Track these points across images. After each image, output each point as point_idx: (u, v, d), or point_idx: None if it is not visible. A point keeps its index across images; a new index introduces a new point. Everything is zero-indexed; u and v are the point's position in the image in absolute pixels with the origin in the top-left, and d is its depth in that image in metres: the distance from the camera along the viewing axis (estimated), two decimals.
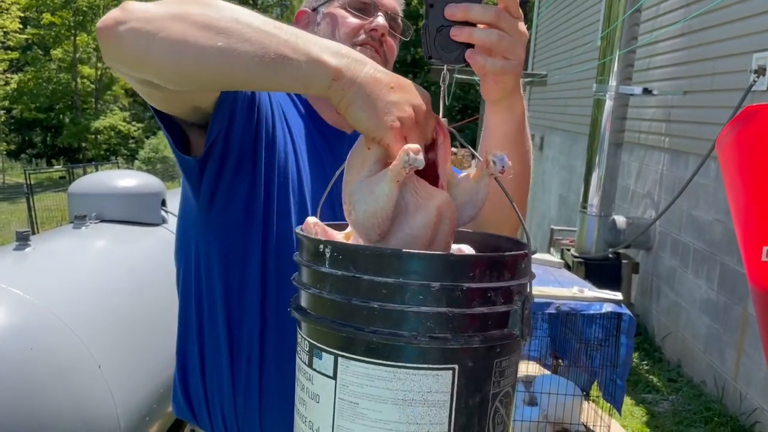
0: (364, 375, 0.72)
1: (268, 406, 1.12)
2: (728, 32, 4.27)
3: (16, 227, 11.20)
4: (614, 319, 2.99)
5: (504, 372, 0.75)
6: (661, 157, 5.33)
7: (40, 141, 29.99)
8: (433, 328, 0.70)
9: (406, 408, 0.71)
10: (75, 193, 3.12)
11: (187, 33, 0.76)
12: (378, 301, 0.71)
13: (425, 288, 0.70)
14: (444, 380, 0.71)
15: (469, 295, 0.71)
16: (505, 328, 0.73)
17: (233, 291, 1.12)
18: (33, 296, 2.11)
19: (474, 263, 0.73)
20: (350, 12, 1.17)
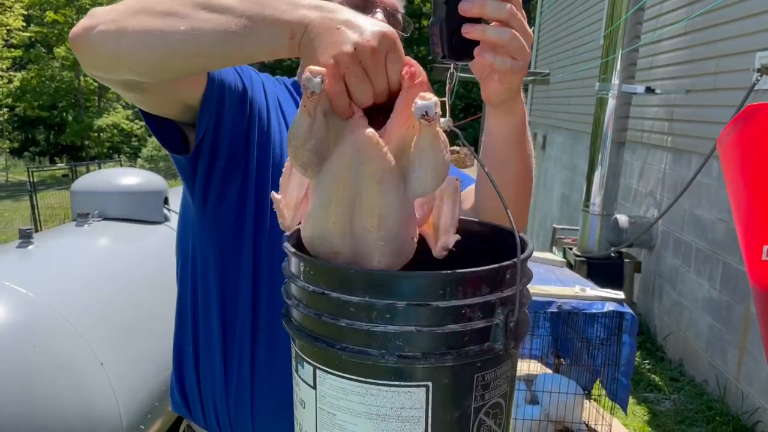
0: (339, 388, 0.72)
1: (260, 406, 1.12)
2: (731, 31, 4.26)
3: (19, 225, 11.23)
4: (616, 318, 2.99)
5: (489, 385, 0.72)
6: (663, 156, 5.32)
7: (43, 139, 30.03)
8: (402, 347, 0.68)
9: (380, 423, 0.70)
10: (78, 191, 3.13)
11: (150, 24, 0.77)
12: (346, 318, 0.70)
13: (391, 307, 0.68)
14: (418, 397, 0.69)
15: (441, 314, 0.68)
16: (485, 343, 0.70)
17: (227, 289, 1.12)
18: (36, 294, 2.12)
19: (445, 281, 0.68)
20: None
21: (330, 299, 0.71)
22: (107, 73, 0.85)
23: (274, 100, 1.15)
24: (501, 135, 0.95)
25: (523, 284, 0.73)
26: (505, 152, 0.95)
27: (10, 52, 22.83)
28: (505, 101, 0.90)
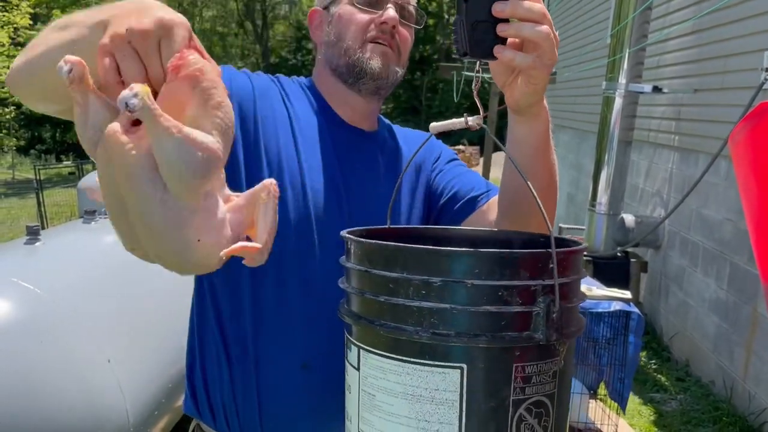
0: (379, 368, 0.74)
1: (267, 406, 1.11)
2: (739, 30, 4.24)
3: (25, 222, 11.26)
4: (622, 317, 2.98)
5: (530, 378, 0.70)
6: (670, 156, 5.30)
7: (49, 137, 30.14)
8: (436, 324, 0.69)
9: (414, 404, 0.71)
10: (84, 188, 3.14)
11: (26, 55, 0.84)
12: (385, 295, 0.72)
13: (426, 283, 0.69)
14: (452, 379, 0.69)
15: (475, 293, 0.69)
16: (525, 331, 0.69)
17: (228, 290, 1.12)
18: (43, 290, 2.12)
19: (479, 259, 0.70)
20: (358, 8, 1.14)
21: (372, 276, 0.74)
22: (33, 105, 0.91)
23: (273, 100, 1.13)
24: (527, 143, 0.95)
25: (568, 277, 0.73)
26: (531, 160, 0.95)
27: (17, 50, 22.89)
28: (531, 105, 0.90)
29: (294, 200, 1.08)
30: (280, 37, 35.37)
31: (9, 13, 21.07)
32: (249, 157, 1.08)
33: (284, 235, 1.06)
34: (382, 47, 1.14)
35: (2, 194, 18.34)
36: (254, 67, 13.26)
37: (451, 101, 18.99)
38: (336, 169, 1.14)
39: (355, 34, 1.14)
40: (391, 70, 1.15)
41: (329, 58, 1.17)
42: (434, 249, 0.72)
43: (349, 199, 1.13)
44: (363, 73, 1.13)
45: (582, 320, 0.77)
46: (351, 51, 1.13)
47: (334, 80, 1.18)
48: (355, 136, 1.20)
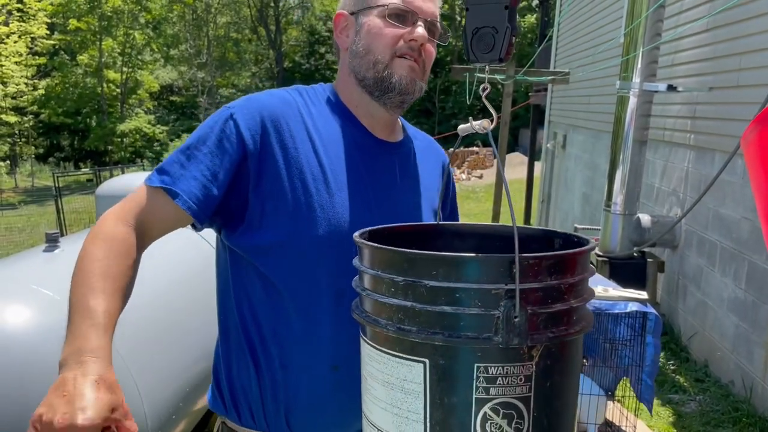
0: (368, 355, 0.81)
1: (293, 403, 1.14)
2: (754, 27, 4.20)
3: (44, 229, 11.41)
4: (640, 318, 2.96)
5: (495, 380, 0.71)
6: (686, 155, 5.26)
7: (67, 144, 30.50)
8: (402, 320, 0.74)
9: (389, 390, 0.76)
10: (103, 195, 3.18)
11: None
12: (368, 290, 0.80)
13: (393, 282, 0.75)
14: (417, 371, 0.73)
15: (433, 293, 0.71)
16: (484, 333, 0.70)
17: (264, 296, 1.15)
18: (63, 297, 2.15)
19: (436, 261, 0.72)
20: (388, 22, 1.15)
21: (363, 273, 0.83)
22: None
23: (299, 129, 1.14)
24: None
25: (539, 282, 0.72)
26: None
27: (34, 59, 23.21)
28: None
29: (324, 219, 1.11)
30: (293, 42, 35.53)
31: (26, 23, 21.37)
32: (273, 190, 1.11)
33: (319, 251, 1.11)
34: (410, 63, 1.16)
35: (22, 201, 18.58)
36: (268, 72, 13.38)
37: (464, 103, 19.00)
38: (364, 182, 1.16)
39: (384, 48, 1.15)
40: (417, 86, 1.18)
41: (356, 68, 1.19)
42: (400, 250, 0.76)
43: (379, 210, 1.16)
44: (391, 87, 1.16)
45: (582, 322, 0.77)
46: (380, 65, 1.16)
47: (360, 90, 1.20)
48: (380, 147, 1.23)
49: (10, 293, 2.13)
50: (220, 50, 33.11)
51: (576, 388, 0.80)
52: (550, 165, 11.60)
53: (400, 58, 1.15)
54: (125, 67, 28.21)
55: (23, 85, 21.23)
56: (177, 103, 32.81)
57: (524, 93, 16.49)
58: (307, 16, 36.06)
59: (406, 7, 1.15)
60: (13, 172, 25.34)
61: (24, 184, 24.68)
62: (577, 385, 0.80)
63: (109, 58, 27.61)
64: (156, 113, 30.14)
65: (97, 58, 27.02)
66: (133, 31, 28.08)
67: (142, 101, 29.43)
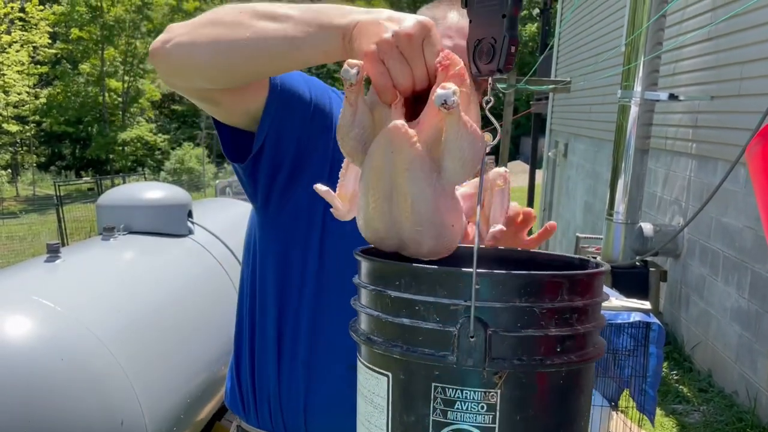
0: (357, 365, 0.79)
1: (313, 406, 1.15)
2: (756, 36, 4.21)
3: (46, 238, 11.42)
4: (643, 328, 2.94)
5: (453, 403, 0.67)
6: (688, 164, 5.25)
7: (69, 153, 30.54)
8: (372, 331, 0.73)
9: (362, 402, 0.75)
10: (103, 205, 3.17)
11: (218, 33, 0.87)
12: (355, 300, 0.79)
13: (366, 290, 0.74)
14: (381, 385, 0.72)
15: (395, 304, 0.70)
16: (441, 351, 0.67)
17: (285, 290, 1.16)
18: (63, 308, 2.15)
19: (400, 271, 0.71)
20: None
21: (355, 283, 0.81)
22: (183, 80, 0.95)
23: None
24: None
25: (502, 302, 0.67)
26: None
27: (36, 68, 23.29)
28: None
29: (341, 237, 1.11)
30: None
31: (28, 32, 21.45)
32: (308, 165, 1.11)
33: (347, 248, 1.10)
34: None
35: (23, 210, 18.59)
36: None
37: None
38: None
39: None
40: None
41: None
42: (371, 258, 0.75)
43: None
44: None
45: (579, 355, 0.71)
46: None
47: None
48: None
49: (11, 304, 2.12)
50: None
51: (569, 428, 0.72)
52: (552, 173, 11.60)
53: None
54: (127, 76, 28.29)
55: (25, 94, 21.30)
56: (178, 111, 32.86)
57: (525, 101, 16.52)
58: None
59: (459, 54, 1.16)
60: (14, 180, 25.38)
61: (25, 192, 24.71)
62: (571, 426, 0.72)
63: (111, 67, 27.71)
64: (157, 122, 30.20)
65: (98, 67, 27.11)
66: (134, 40, 28.18)
67: (143, 110, 29.49)
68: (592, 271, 0.77)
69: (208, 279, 3.08)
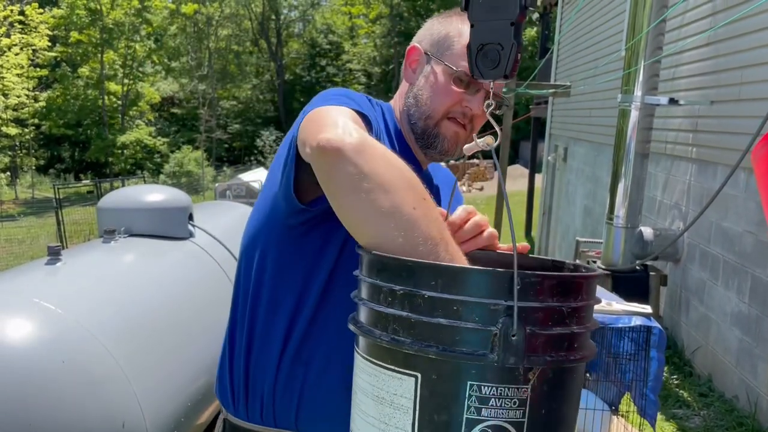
0: (359, 367, 0.78)
1: (305, 405, 1.16)
2: (756, 41, 4.22)
3: (45, 241, 11.41)
4: (644, 332, 2.94)
5: (488, 400, 0.68)
6: (688, 168, 5.26)
7: (68, 156, 30.54)
8: (397, 331, 0.72)
9: (378, 405, 0.74)
10: (104, 207, 3.17)
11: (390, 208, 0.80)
12: (364, 300, 0.78)
13: (392, 291, 0.73)
14: (407, 386, 0.71)
15: (430, 305, 0.70)
16: (479, 350, 0.68)
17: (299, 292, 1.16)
18: (64, 310, 2.14)
19: (437, 272, 0.71)
20: (453, 84, 1.19)
21: (362, 282, 0.80)
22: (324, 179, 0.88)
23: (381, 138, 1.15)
24: None
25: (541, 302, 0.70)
26: None
27: (36, 71, 23.31)
28: None
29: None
30: (294, 54, 35.67)
31: (28, 35, 21.46)
32: None
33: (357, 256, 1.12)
34: (458, 127, 1.20)
35: (22, 213, 18.58)
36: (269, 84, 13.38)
37: None
38: None
39: (440, 107, 1.19)
40: (457, 149, 1.22)
41: (410, 110, 1.24)
42: (400, 258, 0.74)
43: None
44: (433, 145, 1.21)
45: (585, 350, 0.74)
46: (431, 121, 1.20)
47: (408, 128, 1.25)
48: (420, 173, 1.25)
49: (12, 306, 2.12)
50: (221, 62, 33.23)
51: (574, 422, 0.77)
52: (551, 177, 11.61)
53: (450, 120, 1.20)
54: (126, 79, 28.32)
55: (24, 97, 21.31)
56: (178, 114, 32.87)
57: (525, 105, 16.54)
58: (308, 29, 36.23)
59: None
60: (13, 183, 25.37)
61: (24, 195, 24.69)
62: (574, 418, 0.77)
63: (110, 70, 27.73)
64: (157, 125, 30.22)
65: (98, 70, 27.13)
66: (134, 44, 28.20)
67: (142, 113, 29.50)
68: (601, 273, 0.80)
69: (209, 282, 3.08)
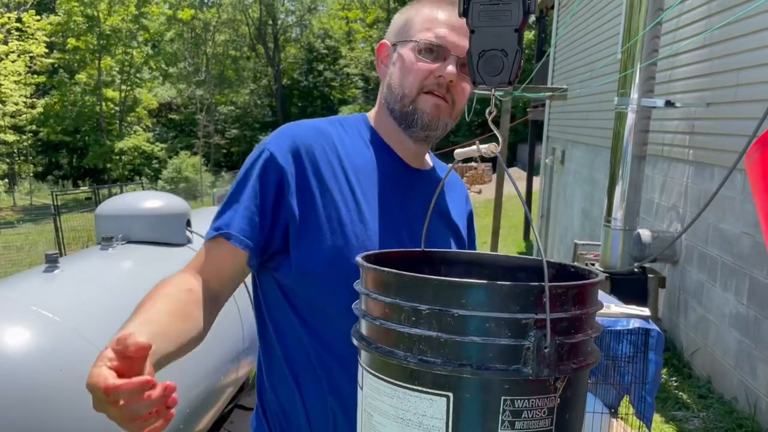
0: (376, 389, 0.75)
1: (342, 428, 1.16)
2: (751, 43, 4.23)
3: (43, 247, 11.38)
4: (642, 335, 2.94)
5: (520, 413, 0.69)
6: (685, 170, 5.27)
7: (66, 162, 30.52)
8: (424, 351, 0.70)
9: (404, 427, 0.72)
10: (102, 214, 3.17)
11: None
12: (381, 319, 0.75)
13: (416, 310, 0.71)
14: (438, 406, 0.70)
15: (461, 323, 0.68)
16: (513, 365, 0.68)
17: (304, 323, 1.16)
18: (62, 318, 2.14)
19: (467, 289, 0.70)
20: (420, 57, 1.16)
21: (372, 300, 0.77)
22: None
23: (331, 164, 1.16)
24: None
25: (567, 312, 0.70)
26: None
27: (33, 78, 23.31)
28: None
29: (359, 247, 1.12)
30: (292, 59, 35.70)
31: (25, 42, 21.48)
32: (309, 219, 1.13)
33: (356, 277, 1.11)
34: (436, 99, 1.17)
35: (20, 220, 18.55)
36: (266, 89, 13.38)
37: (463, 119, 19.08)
38: (396, 210, 1.19)
39: (413, 83, 1.17)
40: (441, 122, 1.19)
41: (387, 99, 1.22)
42: (423, 277, 0.72)
43: (410, 237, 1.18)
44: (414, 123, 1.18)
45: (594, 354, 0.75)
46: (406, 99, 1.18)
47: (391, 120, 1.22)
48: (411, 175, 1.24)
49: (9, 315, 2.12)
50: (218, 68, 33.25)
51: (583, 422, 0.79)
52: (549, 180, 11.62)
53: (426, 94, 1.16)
54: (124, 85, 28.32)
55: (22, 104, 21.30)
56: (176, 120, 32.88)
57: (522, 108, 16.56)
58: (306, 34, 36.27)
59: (439, 43, 1.15)
60: (11, 190, 25.34)
61: (22, 202, 24.66)
62: (583, 419, 0.79)
63: (108, 76, 27.74)
64: (154, 131, 30.22)
65: (95, 77, 27.14)
66: (131, 50, 28.22)
67: (140, 119, 29.50)
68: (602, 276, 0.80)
69: None
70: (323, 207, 1.13)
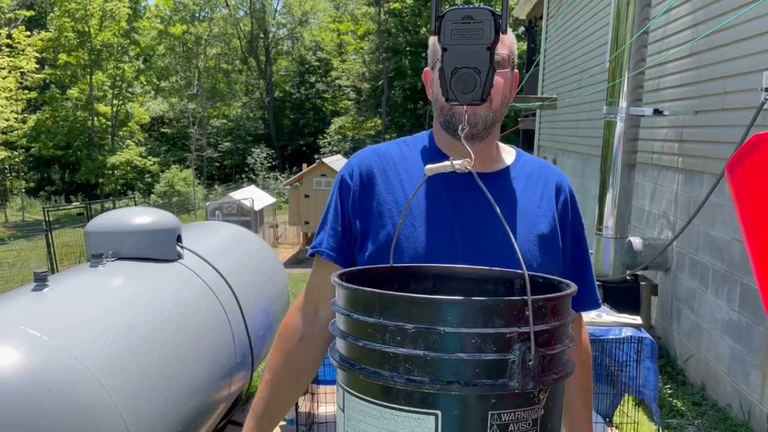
0: (360, 411, 0.75)
1: None
2: (738, 51, 4.27)
3: (35, 264, 11.30)
4: (635, 343, 2.95)
5: (507, 426, 0.69)
6: (675, 177, 5.29)
7: (58, 178, 30.40)
8: (411, 371, 0.70)
9: None
10: (92, 231, 3.15)
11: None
12: (364, 340, 0.74)
13: (401, 329, 0.70)
14: (427, 425, 0.69)
15: (447, 340, 0.69)
16: (499, 379, 0.69)
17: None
18: (51, 337, 2.13)
19: (451, 307, 0.70)
20: None
21: (353, 321, 0.76)
22: None
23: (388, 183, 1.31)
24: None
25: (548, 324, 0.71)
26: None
27: (24, 94, 23.24)
28: None
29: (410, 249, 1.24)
30: (284, 71, 35.75)
31: (15, 58, 21.44)
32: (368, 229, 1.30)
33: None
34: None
35: (12, 236, 18.45)
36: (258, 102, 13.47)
37: None
38: (449, 213, 1.26)
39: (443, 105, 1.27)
40: (479, 118, 1.26)
41: (436, 114, 1.35)
42: (406, 295, 0.72)
43: (464, 240, 1.24)
44: (454, 126, 1.26)
45: (570, 364, 0.76)
46: (444, 109, 1.29)
47: (443, 132, 1.34)
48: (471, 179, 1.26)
49: None
50: (210, 81, 33.26)
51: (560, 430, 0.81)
52: None
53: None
54: (116, 100, 28.29)
55: (13, 120, 21.24)
56: (168, 134, 32.82)
57: (513, 118, 16.63)
58: (297, 47, 36.35)
59: None
60: (3, 206, 25.22)
61: (14, 218, 24.53)
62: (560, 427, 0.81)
63: (99, 91, 27.69)
64: (147, 145, 30.16)
65: (87, 92, 27.09)
66: (123, 64, 28.21)
67: (132, 133, 29.43)
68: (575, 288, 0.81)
69: (198, 304, 3.06)
70: (378, 217, 1.28)
